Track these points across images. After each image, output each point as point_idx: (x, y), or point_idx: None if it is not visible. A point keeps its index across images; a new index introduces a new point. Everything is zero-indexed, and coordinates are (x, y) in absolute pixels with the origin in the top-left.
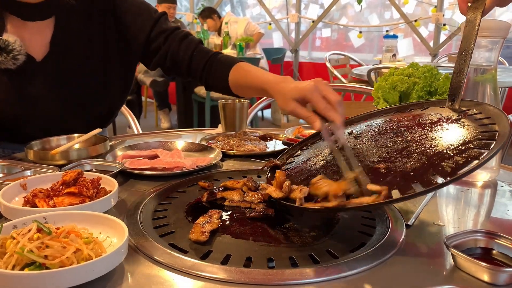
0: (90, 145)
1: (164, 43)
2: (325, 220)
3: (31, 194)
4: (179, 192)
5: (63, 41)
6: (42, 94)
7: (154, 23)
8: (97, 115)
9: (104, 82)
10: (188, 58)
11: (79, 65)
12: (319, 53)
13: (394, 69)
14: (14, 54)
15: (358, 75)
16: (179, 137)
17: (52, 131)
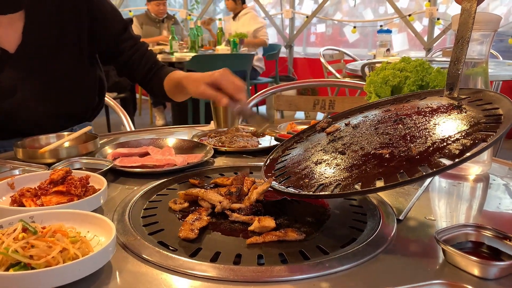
0: (80, 143)
1: (130, 49)
2: (316, 215)
3: (18, 193)
4: (169, 190)
5: (35, 32)
6: (16, 86)
7: (124, 27)
8: (74, 108)
9: (76, 70)
10: (146, 71)
11: (52, 55)
12: (314, 49)
13: (386, 64)
14: None
15: (352, 70)
16: (171, 134)
17: (32, 124)
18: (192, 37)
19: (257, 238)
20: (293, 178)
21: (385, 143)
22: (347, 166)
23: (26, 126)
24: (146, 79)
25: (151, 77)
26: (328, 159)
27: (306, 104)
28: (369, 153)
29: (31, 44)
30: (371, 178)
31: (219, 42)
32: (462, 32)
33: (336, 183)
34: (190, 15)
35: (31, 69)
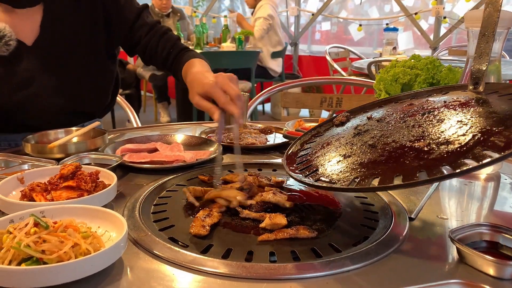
0: (89, 138)
1: (145, 36)
2: (327, 213)
3: (28, 188)
4: (179, 186)
5: (53, 25)
6: (33, 79)
7: (138, 14)
8: (87, 101)
9: (92, 65)
10: (166, 54)
11: (69, 48)
12: (319, 47)
13: (395, 61)
14: (5, 40)
15: (358, 68)
16: (179, 130)
17: (42, 118)
18: (198, 34)
19: (269, 235)
20: (322, 170)
21: (420, 136)
22: (382, 159)
23: (37, 120)
24: (167, 66)
25: (171, 64)
26: (357, 152)
27: (313, 101)
28: (404, 146)
29: (48, 38)
30: (412, 171)
31: (224, 39)
32: (488, 26)
33: (373, 176)
34: (195, 12)
35: (47, 62)
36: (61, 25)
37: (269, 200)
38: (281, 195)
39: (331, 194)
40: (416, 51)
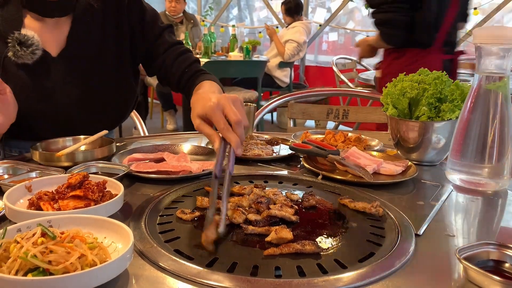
0: (96, 147)
1: (162, 54)
2: (333, 228)
3: (36, 197)
4: (185, 197)
5: (79, 38)
6: (55, 90)
7: (160, 32)
8: (108, 114)
9: (115, 80)
10: (179, 75)
11: (93, 62)
12: (326, 57)
13: (403, 75)
14: (33, 48)
15: (364, 79)
16: (185, 140)
17: (61, 129)
18: (206, 43)
19: (275, 249)
20: None
21: None
22: None
23: (54, 130)
24: (180, 87)
25: (184, 86)
26: None
27: (319, 113)
28: None
29: (73, 50)
30: None
31: (232, 49)
32: None
33: None
34: (204, 20)
35: (71, 74)
36: (87, 38)
37: (275, 214)
38: (286, 209)
39: (336, 208)
40: None
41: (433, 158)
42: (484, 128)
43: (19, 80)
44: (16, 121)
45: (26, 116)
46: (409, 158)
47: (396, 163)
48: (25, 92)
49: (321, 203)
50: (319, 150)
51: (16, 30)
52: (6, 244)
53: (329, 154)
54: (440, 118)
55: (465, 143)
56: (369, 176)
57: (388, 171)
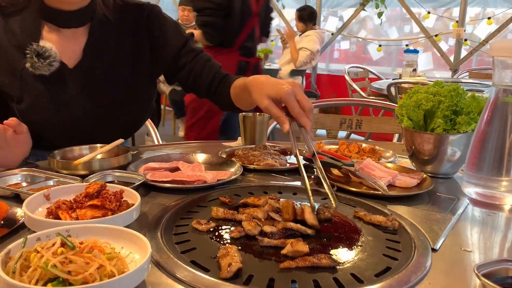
0: (113, 155)
1: (191, 62)
2: (349, 241)
3: (54, 206)
4: (200, 207)
5: (96, 49)
6: (72, 100)
7: (185, 41)
8: (123, 125)
9: (131, 92)
10: (211, 79)
11: (109, 73)
12: (337, 65)
13: (418, 87)
14: (50, 60)
15: (377, 89)
16: (199, 149)
17: (77, 139)
18: None
19: (291, 262)
20: None
21: None
22: None
23: (70, 140)
24: (211, 91)
25: (216, 88)
26: None
27: (332, 122)
28: None
29: (89, 62)
30: None
31: None
32: None
33: None
34: None
35: (87, 86)
36: (104, 50)
37: (290, 227)
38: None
39: (352, 221)
40: (435, 73)
41: (448, 170)
42: (501, 141)
43: (36, 91)
44: (33, 130)
45: (42, 125)
46: (424, 170)
47: (411, 175)
48: (41, 102)
49: (336, 215)
50: (333, 161)
51: (34, 42)
52: (27, 253)
53: (343, 165)
54: (456, 130)
55: (481, 156)
56: (384, 188)
57: (403, 184)
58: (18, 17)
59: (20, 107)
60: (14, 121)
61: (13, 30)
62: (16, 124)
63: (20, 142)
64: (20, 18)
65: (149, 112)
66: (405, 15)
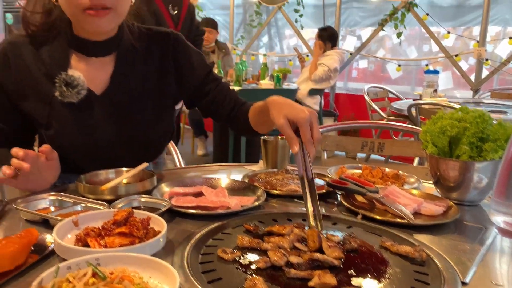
0: (138, 180)
1: (214, 90)
2: (376, 273)
3: (83, 233)
4: (224, 234)
5: (122, 77)
6: (98, 126)
7: (209, 70)
8: (147, 148)
9: (155, 117)
10: (230, 108)
11: (135, 99)
12: (356, 84)
13: (442, 113)
14: (78, 89)
15: (397, 109)
16: (221, 171)
17: (102, 162)
18: (238, 72)
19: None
20: None
21: None
22: None
23: (95, 164)
24: (231, 117)
25: (235, 114)
26: None
27: (353, 145)
28: None
29: (116, 89)
30: None
31: (263, 77)
32: None
33: None
34: (235, 49)
35: (114, 112)
36: (130, 77)
37: (317, 258)
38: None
39: (378, 251)
40: (455, 92)
41: (475, 198)
42: None
43: (64, 118)
44: (60, 154)
45: (69, 150)
46: (449, 197)
47: (437, 202)
48: (69, 128)
49: (362, 245)
50: (357, 188)
51: (63, 71)
52: (59, 283)
53: (368, 192)
54: (482, 157)
55: (509, 183)
56: (410, 217)
57: (428, 212)
58: (48, 47)
59: (49, 133)
60: (47, 148)
61: (43, 59)
62: (48, 151)
63: (50, 168)
64: (49, 48)
65: (172, 135)
66: (424, 34)
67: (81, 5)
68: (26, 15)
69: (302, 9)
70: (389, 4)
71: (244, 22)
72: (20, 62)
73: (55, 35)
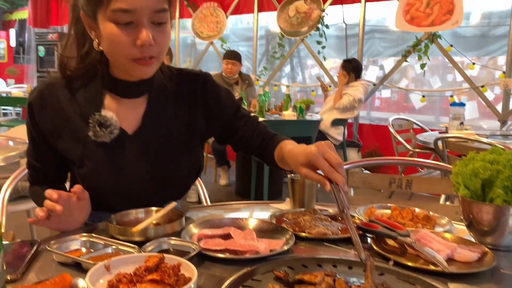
0: (167, 220)
1: (243, 126)
2: None
3: (115, 279)
4: (254, 281)
5: (154, 116)
6: (129, 165)
7: (237, 107)
8: (176, 185)
9: (185, 154)
10: (260, 141)
11: (166, 138)
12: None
13: (474, 154)
14: (111, 129)
15: (423, 142)
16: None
17: (132, 199)
18: (261, 103)
19: None
20: None
21: None
22: None
23: (125, 202)
24: (260, 150)
25: (264, 149)
26: None
27: (381, 182)
28: None
29: (148, 128)
30: None
31: (286, 108)
32: None
33: None
34: (258, 80)
35: (145, 150)
36: (161, 117)
37: None
38: None
39: None
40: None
41: (510, 243)
42: None
43: (97, 157)
44: (90, 193)
45: (100, 188)
46: (484, 242)
47: (471, 248)
48: (101, 167)
49: None
50: (388, 232)
51: (96, 111)
52: None
53: (399, 236)
54: None
55: None
56: (444, 265)
57: (463, 258)
58: (83, 88)
59: (81, 171)
60: (78, 188)
61: (78, 100)
62: (80, 191)
63: (82, 208)
64: (85, 89)
65: (200, 171)
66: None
67: (131, 56)
68: (63, 60)
69: (324, 40)
70: (411, 34)
71: (266, 53)
72: (56, 103)
73: (90, 77)
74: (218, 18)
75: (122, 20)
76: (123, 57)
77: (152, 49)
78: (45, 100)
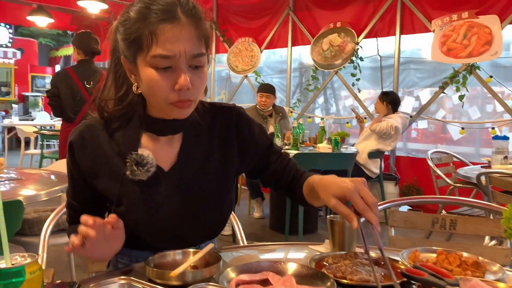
0: (204, 263)
1: (275, 162)
2: None
3: None
4: None
5: (189, 152)
6: (164, 201)
7: (270, 142)
8: (211, 221)
9: (220, 189)
10: (289, 181)
11: (201, 173)
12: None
13: None
14: (148, 167)
15: (464, 176)
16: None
17: (167, 236)
18: (295, 135)
19: None
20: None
21: None
22: None
23: (160, 240)
24: (289, 189)
25: (293, 186)
26: None
27: (423, 222)
28: None
29: (183, 165)
30: None
31: (320, 140)
32: None
33: None
34: (292, 112)
35: (180, 187)
36: (196, 153)
37: None
38: None
39: None
40: None
41: None
42: None
43: (133, 195)
44: (127, 230)
45: (136, 225)
46: None
47: None
48: (138, 204)
49: None
50: (436, 280)
51: (133, 150)
52: None
53: (447, 285)
54: None
55: None
56: None
57: None
58: (122, 129)
59: (119, 210)
60: (113, 217)
61: (117, 139)
62: (114, 220)
63: (116, 237)
64: (123, 129)
65: (234, 206)
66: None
67: (169, 100)
68: (101, 103)
69: (359, 72)
70: (447, 65)
71: (300, 85)
72: (96, 143)
73: (128, 118)
74: (252, 52)
75: (161, 65)
76: (161, 100)
77: (189, 92)
78: (85, 140)
